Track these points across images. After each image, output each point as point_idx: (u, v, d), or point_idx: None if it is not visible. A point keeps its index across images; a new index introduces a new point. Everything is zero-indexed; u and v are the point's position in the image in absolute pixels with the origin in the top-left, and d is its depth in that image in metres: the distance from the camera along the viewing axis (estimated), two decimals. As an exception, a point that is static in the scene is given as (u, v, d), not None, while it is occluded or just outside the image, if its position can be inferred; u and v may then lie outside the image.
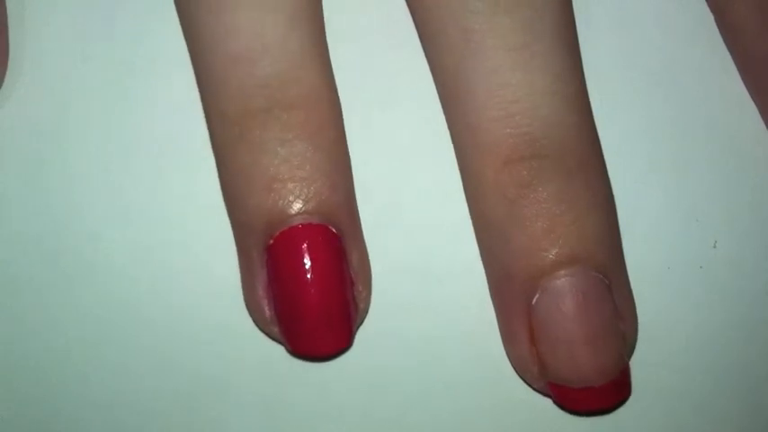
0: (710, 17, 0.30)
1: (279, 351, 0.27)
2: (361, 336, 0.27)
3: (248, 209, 0.26)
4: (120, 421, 0.27)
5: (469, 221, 0.27)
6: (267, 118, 0.25)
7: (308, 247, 0.25)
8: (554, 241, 0.26)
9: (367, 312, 0.27)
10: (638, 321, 0.27)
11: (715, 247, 0.28)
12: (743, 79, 0.29)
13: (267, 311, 0.26)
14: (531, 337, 0.26)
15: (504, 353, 0.27)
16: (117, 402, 0.27)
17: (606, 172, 0.27)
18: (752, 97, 0.29)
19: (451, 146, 0.28)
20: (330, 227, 0.26)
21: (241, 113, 0.26)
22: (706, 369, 0.28)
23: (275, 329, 0.26)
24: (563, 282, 0.25)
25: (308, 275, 0.25)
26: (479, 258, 0.27)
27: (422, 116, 0.28)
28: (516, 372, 0.27)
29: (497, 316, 0.27)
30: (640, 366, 0.27)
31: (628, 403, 0.27)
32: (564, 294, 0.25)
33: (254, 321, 0.27)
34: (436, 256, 0.28)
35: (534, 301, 0.26)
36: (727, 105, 0.29)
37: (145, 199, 0.28)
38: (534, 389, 0.27)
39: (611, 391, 0.26)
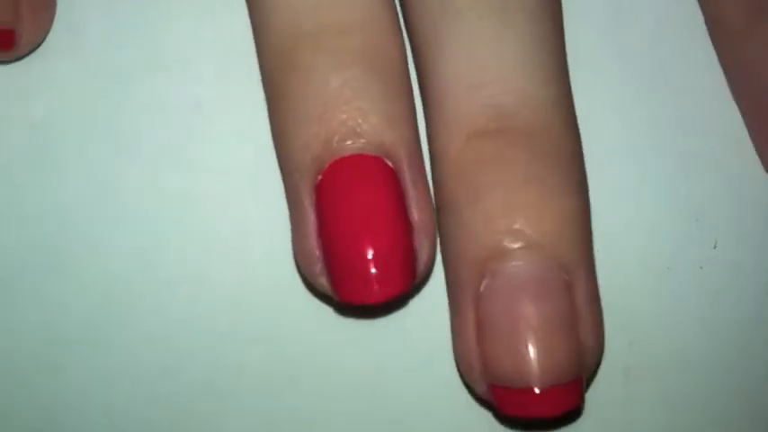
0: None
1: (278, 354, 0.27)
2: (360, 335, 0.27)
3: (296, 142, 0.24)
4: (118, 423, 0.27)
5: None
6: (318, 42, 0.23)
7: (360, 180, 0.23)
8: (510, 223, 0.23)
9: (431, 266, 0.25)
10: (637, 322, 0.27)
11: (715, 247, 0.28)
12: (727, 79, 0.29)
13: (317, 259, 0.24)
14: (477, 331, 0.24)
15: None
16: (115, 405, 0.27)
17: (582, 157, 0.25)
18: (734, 98, 0.29)
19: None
20: (386, 161, 0.24)
21: (291, 39, 0.24)
22: (706, 370, 0.28)
23: (323, 280, 0.24)
24: (514, 266, 0.23)
25: (360, 212, 0.23)
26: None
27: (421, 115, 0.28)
28: (459, 372, 0.25)
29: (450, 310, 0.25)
30: (639, 367, 0.27)
31: (627, 404, 0.27)
32: (514, 280, 0.23)
33: (301, 272, 0.25)
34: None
35: (482, 287, 0.23)
36: (727, 104, 0.29)
37: (142, 201, 0.28)
38: (477, 395, 0.26)
39: (554, 399, 0.23)
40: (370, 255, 0.23)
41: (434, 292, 0.27)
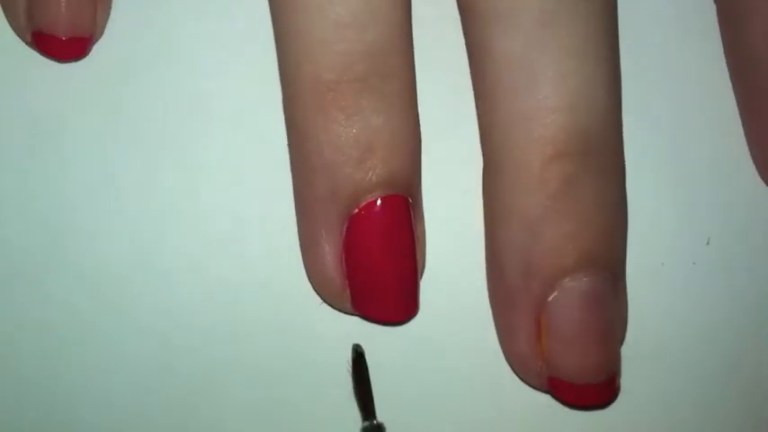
0: (710, 12, 0.30)
1: (276, 351, 0.27)
2: (358, 331, 0.28)
3: (336, 177, 0.26)
4: (117, 422, 0.27)
5: (464, 221, 0.28)
6: (364, 86, 0.26)
7: (392, 218, 0.26)
8: (583, 242, 0.26)
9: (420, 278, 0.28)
10: (632, 317, 0.27)
11: (708, 243, 0.29)
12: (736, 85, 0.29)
13: (340, 280, 0.26)
14: (537, 333, 0.26)
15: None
16: (112, 399, 0.27)
17: None
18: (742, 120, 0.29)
19: (447, 145, 0.28)
20: (409, 198, 0.26)
21: (339, 80, 0.26)
22: (698, 365, 0.28)
23: (347, 296, 0.26)
24: (584, 282, 0.26)
25: (391, 245, 0.26)
26: (475, 256, 0.28)
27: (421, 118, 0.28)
28: (513, 367, 0.27)
29: (497, 310, 0.27)
30: (632, 362, 0.27)
31: (620, 397, 0.28)
32: (583, 295, 0.26)
33: (321, 291, 0.27)
34: (434, 255, 0.28)
35: (551, 298, 0.26)
36: (721, 101, 0.29)
37: (142, 196, 0.28)
38: (529, 384, 0.27)
39: (606, 389, 0.27)
40: (399, 282, 0.26)
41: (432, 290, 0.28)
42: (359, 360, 0.27)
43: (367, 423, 0.26)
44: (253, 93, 0.28)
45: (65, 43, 0.27)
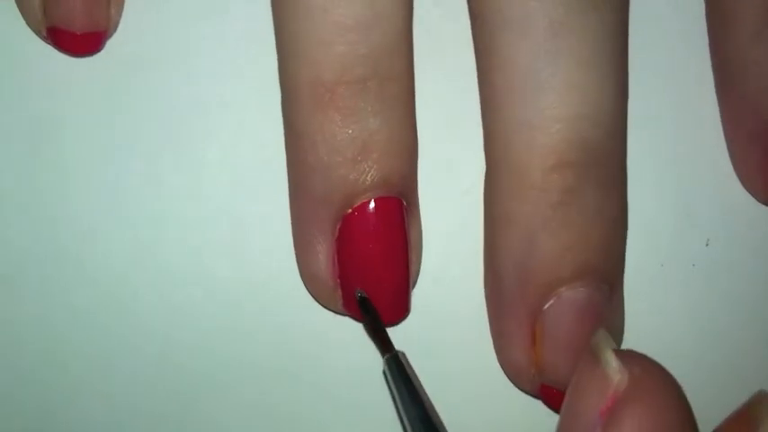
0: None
1: (277, 350, 0.28)
2: (357, 331, 0.28)
3: (331, 178, 0.26)
4: (117, 421, 0.27)
5: (463, 223, 0.28)
6: (363, 88, 0.25)
7: (386, 220, 0.26)
8: (581, 253, 0.26)
9: (415, 283, 0.28)
10: (631, 318, 0.28)
11: (707, 245, 0.29)
12: (716, 80, 0.29)
13: (332, 280, 0.26)
14: (531, 341, 0.26)
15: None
16: (114, 397, 0.27)
17: None
18: (721, 109, 0.29)
19: (445, 149, 0.28)
20: (403, 201, 0.26)
21: (338, 81, 0.26)
22: (697, 365, 0.28)
23: (338, 295, 0.27)
24: (580, 292, 0.26)
25: (383, 247, 0.26)
26: (474, 259, 0.28)
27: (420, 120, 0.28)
28: (506, 372, 0.27)
29: (493, 315, 0.27)
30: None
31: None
32: (579, 305, 0.26)
33: (313, 290, 0.27)
34: (433, 257, 0.28)
35: (547, 306, 0.26)
36: (720, 103, 0.30)
37: (143, 195, 0.28)
38: (521, 390, 0.27)
39: None
40: (389, 284, 0.26)
41: (432, 291, 0.28)
42: (364, 301, 0.26)
43: (388, 355, 0.26)
44: (253, 93, 0.28)
45: (80, 38, 0.27)
